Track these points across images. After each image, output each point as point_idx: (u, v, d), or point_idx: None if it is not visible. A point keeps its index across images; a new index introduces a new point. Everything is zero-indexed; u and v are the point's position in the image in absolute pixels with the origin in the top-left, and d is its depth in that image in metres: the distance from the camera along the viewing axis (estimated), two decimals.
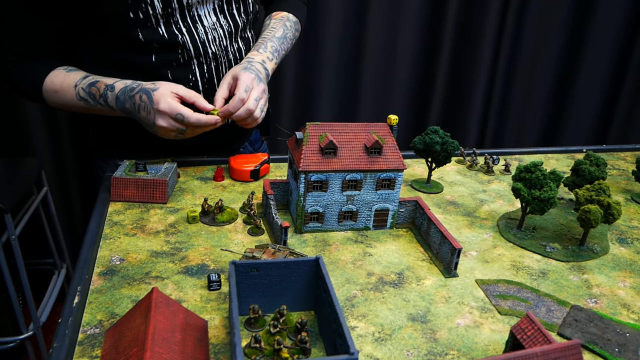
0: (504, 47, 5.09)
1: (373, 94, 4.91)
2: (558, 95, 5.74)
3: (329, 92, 4.81)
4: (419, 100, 5.20)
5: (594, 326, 1.58)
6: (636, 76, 5.65)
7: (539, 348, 0.98)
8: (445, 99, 5.21)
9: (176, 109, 1.62)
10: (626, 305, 1.71)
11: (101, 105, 1.76)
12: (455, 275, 1.75)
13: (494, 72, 5.15)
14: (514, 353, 0.95)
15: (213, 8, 2.21)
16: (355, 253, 1.82)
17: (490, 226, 2.11)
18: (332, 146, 1.82)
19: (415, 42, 4.88)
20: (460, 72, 5.12)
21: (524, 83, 5.46)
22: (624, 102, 5.73)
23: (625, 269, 1.92)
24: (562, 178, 2.02)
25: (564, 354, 1.00)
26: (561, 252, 1.96)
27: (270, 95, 4.44)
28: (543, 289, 1.75)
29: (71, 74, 1.79)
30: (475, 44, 4.91)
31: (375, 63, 4.82)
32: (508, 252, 1.94)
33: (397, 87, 4.98)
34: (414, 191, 2.32)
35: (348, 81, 4.86)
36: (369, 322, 1.50)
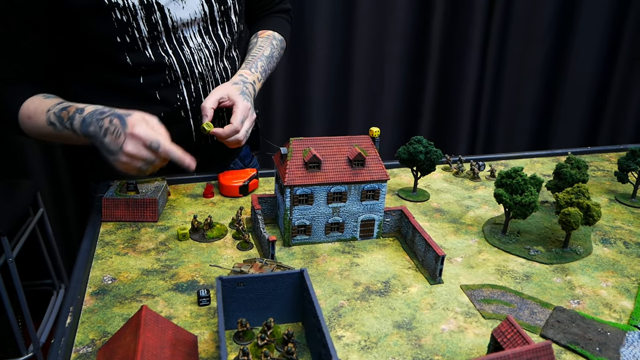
0: (490, 55, 5.17)
1: (363, 104, 4.98)
2: (546, 99, 5.81)
3: (318, 104, 4.87)
4: (409, 110, 5.27)
5: (575, 326, 1.62)
6: (622, 79, 5.72)
7: (510, 350, 1.03)
8: (434, 107, 5.28)
9: (150, 137, 1.59)
10: (608, 304, 1.75)
11: (67, 130, 1.69)
12: (440, 281, 1.79)
13: (482, 79, 5.22)
14: (488, 356, 1.00)
15: (198, 30, 2.27)
16: (342, 263, 1.86)
17: (476, 232, 2.16)
18: (316, 160, 1.87)
19: (402, 51, 4.96)
20: (448, 80, 5.20)
21: (512, 89, 5.53)
22: (611, 105, 5.80)
23: (608, 269, 1.96)
24: (543, 182, 2.07)
25: (536, 355, 1.04)
26: (545, 255, 2.00)
27: (260, 109, 4.51)
28: (527, 291, 1.79)
29: (47, 100, 1.77)
30: (461, 52, 4.99)
31: (364, 73, 4.89)
32: (493, 256, 1.98)
33: (386, 97, 5.05)
34: (401, 200, 2.37)
35: (337, 93, 4.93)
36: (355, 331, 1.54)
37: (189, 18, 2.21)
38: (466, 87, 5.14)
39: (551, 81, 5.71)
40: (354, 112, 4.91)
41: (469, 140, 5.52)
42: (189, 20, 2.22)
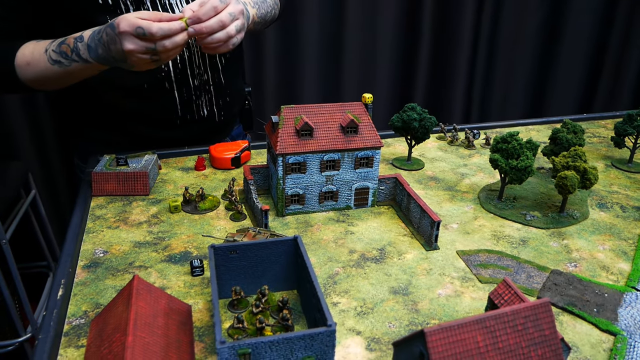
0: (485, 22, 5.10)
1: (356, 75, 4.92)
2: (541, 67, 5.76)
3: (311, 78, 4.81)
4: (403, 79, 5.21)
5: (573, 289, 1.61)
6: (618, 46, 5.67)
7: (509, 308, 1.01)
8: (428, 76, 5.22)
9: (135, 23, 1.50)
10: (605, 267, 1.74)
11: (75, 62, 1.69)
12: (436, 247, 1.77)
13: (475, 47, 5.16)
14: (486, 314, 0.98)
15: None
16: (337, 232, 1.84)
17: (471, 199, 2.14)
18: (308, 128, 1.84)
19: (395, 20, 4.88)
20: (442, 48, 5.13)
21: (506, 56, 5.47)
22: (607, 71, 5.76)
23: (605, 232, 1.95)
24: (539, 147, 2.04)
25: (534, 312, 1.03)
26: (541, 220, 1.98)
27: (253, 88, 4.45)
28: (523, 256, 1.78)
29: (41, 42, 1.77)
30: (455, 19, 4.91)
31: (356, 43, 4.82)
32: (489, 222, 1.96)
33: (380, 66, 4.99)
34: (395, 169, 2.34)
35: (329, 65, 4.86)
36: (351, 298, 1.52)
37: None
38: (460, 55, 5.08)
39: (546, 48, 5.65)
40: (347, 83, 4.86)
41: (464, 108, 5.48)
42: None
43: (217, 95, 2.39)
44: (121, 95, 2.14)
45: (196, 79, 2.23)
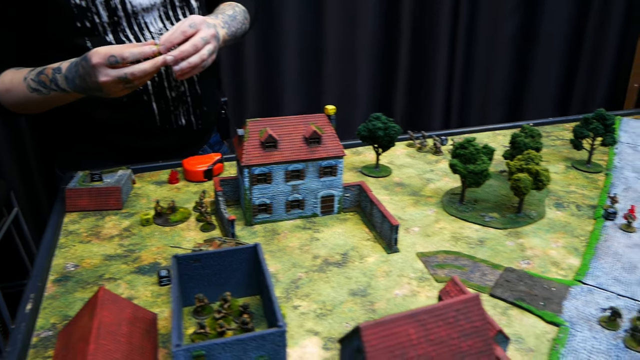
0: (460, 29, 5.21)
1: (336, 86, 5.01)
2: (518, 72, 5.88)
3: (290, 89, 4.90)
4: (382, 88, 5.31)
5: (523, 285, 1.70)
6: (592, 47, 5.81)
7: (442, 302, 1.09)
8: (407, 84, 5.33)
9: (107, 53, 1.61)
10: (556, 263, 1.83)
11: (54, 91, 1.78)
12: (396, 250, 1.86)
13: (453, 54, 5.27)
14: (419, 308, 1.06)
15: (159, 15, 2.31)
16: (303, 239, 1.92)
17: (435, 203, 2.22)
18: (272, 140, 1.92)
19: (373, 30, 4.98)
20: (421, 56, 5.24)
21: (483, 63, 5.59)
22: (581, 74, 5.89)
23: (559, 230, 2.04)
24: (494, 151, 2.14)
25: (465, 305, 1.11)
26: (499, 221, 2.07)
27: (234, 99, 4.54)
28: (480, 255, 1.87)
29: (20, 70, 1.86)
30: (432, 26, 5.02)
31: (335, 54, 4.91)
32: (449, 225, 2.05)
33: (360, 74, 5.08)
34: (364, 177, 2.43)
35: (309, 76, 4.96)
36: (311, 301, 1.60)
37: (149, 3, 2.26)
38: (438, 61, 5.19)
39: (522, 53, 5.78)
40: (328, 94, 4.94)
41: (444, 114, 5.59)
42: (148, 6, 2.26)
43: (194, 105, 2.48)
44: (101, 109, 2.23)
45: (173, 90, 2.33)
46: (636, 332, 1.47)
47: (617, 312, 1.53)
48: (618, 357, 1.43)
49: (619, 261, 1.87)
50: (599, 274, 1.78)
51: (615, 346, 1.47)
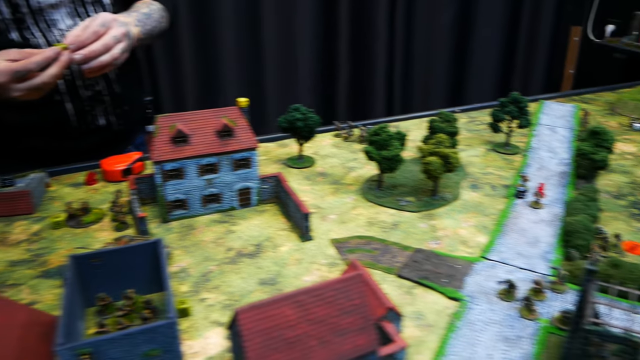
0: (398, 19, 5.28)
1: (279, 81, 5.00)
2: (457, 59, 6.01)
3: (232, 85, 4.87)
4: (324, 80, 5.34)
5: (429, 264, 1.75)
6: (528, 35, 5.98)
7: (321, 283, 1.12)
8: (349, 74, 5.37)
9: (11, 70, 1.61)
10: (465, 241, 1.89)
11: None
12: (309, 238, 1.88)
13: (392, 43, 5.34)
14: (297, 290, 1.08)
15: (67, 12, 2.25)
16: (219, 232, 1.92)
17: (354, 190, 2.26)
18: (182, 134, 1.91)
19: (312, 23, 5.00)
20: (360, 48, 5.28)
21: (423, 52, 5.69)
22: (520, 59, 6.07)
23: (472, 210, 2.10)
24: (406, 136, 2.18)
25: (345, 285, 1.14)
26: (415, 204, 2.12)
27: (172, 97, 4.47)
28: (392, 238, 1.91)
29: None
30: (370, 15, 5.07)
31: (275, 46, 4.90)
32: (366, 211, 2.09)
33: (301, 68, 5.09)
34: (288, 168, 2.44)
35: (250, 72, 4.92)
36: (220, 292, 1.61)
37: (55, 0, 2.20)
38: (378, 52, 5.25)
39: (461, 42, 5.91)
40: (270, 91, 4.94)
41: (387, 103, 5.67)
42: (55, 2, 2.20)
43: (113, 105, 2.44)
44: (10, 112, 2.17)
45: (88, 90, 2.28)
46: (529, 302, 1.54)
47: (512, 284, 1.59)
48: (511, 326, 1.49)
49: (524, 236, 1.94)
50: (503, 249, 1.84)
51: (510, 316, 1.53)
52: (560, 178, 2.56)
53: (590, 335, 1.21)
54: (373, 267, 1.67)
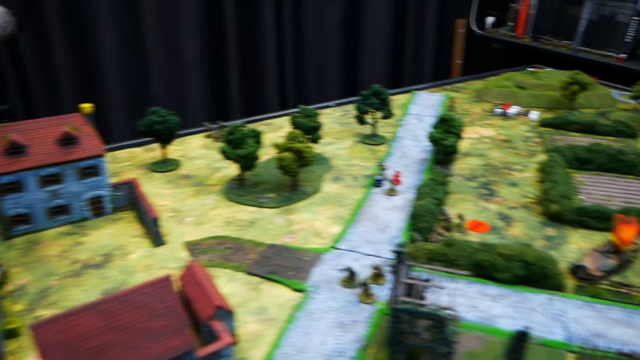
0: (286, 14, 5.30)
1: (166, 85, 4.85)
2: (349, 53, 6.13)
3: (115, 90, 4.65)
4: (215, 80, 5.25)
5: (279, 258, 1.77)
6: (415, 29, 6.21)
7: (129, 289, 1.09)
8: (241, 72, 5.31)
9: None
10: (319, 233, 1.93)
11: None
12: (162, 243, 1.84)
13: (281, 39, 5.35)
14: (102, 298, 1.05)
15: None
16: (65, 245, 1.84)
17: (217, 191, 2.24)
18: (17, 145, 1.81)
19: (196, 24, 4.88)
20: (249, 45, 5.24)
21: (313, 47, 5.75)
22: (409, 52, 6.30)
23: (331, 202, 2.15)
24: (260, 133, 2.20)
25: (155, 288, 1.12)
26: (275, 200, 2.14)
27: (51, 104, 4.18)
28: (247, 236, 1.91)
29: None
30: (257, 14, 5.04)
31: (161, 52, 4.74)
32: (225, 210, 2.07)
33: (189, 72, 4.97)
34: (151, 173, 2.38)
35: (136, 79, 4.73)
36: (58, 308, 1.53)
37: None
38: (267, 49, 5.23)
39: (350, 36, 6.03)
40: (159, 96, 4.78)
41: (280, 98, 5.68)
42: None
43: None
44: None
45: None
46: (366, 287, 1.59)
47: (352, 272, 1.64)
48: (349, 312, 1.54)
49: (375, 223, 2.01)
50: (354, 238, 1.90)
51: (350, 302, 1.58)
52: (420, 165, 2.69)
53: (401, 314, 1.28)
54: (223, 267, 1.67)
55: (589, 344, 1.82)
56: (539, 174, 2.79)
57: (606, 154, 3.06)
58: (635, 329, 1.91)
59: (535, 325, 1.83)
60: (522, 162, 2.85)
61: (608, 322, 1.93)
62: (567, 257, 2.16)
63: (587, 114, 4.05)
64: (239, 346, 1.45)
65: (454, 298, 1.54)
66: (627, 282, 2.16)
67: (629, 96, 4.23)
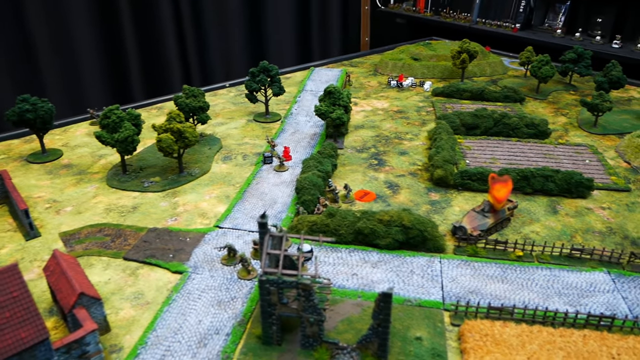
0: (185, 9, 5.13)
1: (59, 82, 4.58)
2: (252, 32, 6.04)
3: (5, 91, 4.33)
4: (115, 71, 5.02)
5: (160, 242, 1.73)
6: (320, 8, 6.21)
7: None
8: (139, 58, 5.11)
9: None
10: (204, 214, 1.90)
11: None
12: (36, 235, 1.75)
13: (182, 29, 5.19)
14: None
15: None
16: None
17: (100, 178, 2.16)
18: None
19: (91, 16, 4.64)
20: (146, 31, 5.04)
21: (215, 30, 5.62)
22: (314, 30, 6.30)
23: (219, 182, 2.13)
24: (140, 116, 2.13)
25: (0, 277, 1.06)
26: (160, 184, 2.09)
27: None
28: (129, 221, 1.86)
29: None
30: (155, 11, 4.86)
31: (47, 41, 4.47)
32: (107, 198, 2.00)
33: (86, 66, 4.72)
34: (29, 164, 2.26)
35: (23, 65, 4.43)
36: None
37: None
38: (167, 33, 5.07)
39: (253, 16, 5.94)
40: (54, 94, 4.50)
41: (185, 82, 5.52)
42: None
43: None
44: None
45: None
46: (245, 263, 1.60)
47: (231, 249, 1.64)
48: (227, 289, 1.54)
49: (262, 200, 2.02)
50: (238, 215, 1.90)
51: (229, 279, 1.58)
52: (311, 140, 2.72)
53: (267, 285, 1.30)
54: (99, 255, 1.62)
55: (462, 301, 1.94)
56: (428, 142, 2.91)
57: (491, 119, 3.25)
58: (508, 284, 2.06)
59: (413, 288, 1.92)
60: (412, 131, 2.96)
61: (484, 278, 2.06)
62: (449, 219, 2.29)
63: (479, 82, 4.26)
64: (112, 333, 1.43)
65: (334, 267, 1.59)
66: (504, 240, 2.32)
67: (518, 63, 4.49)
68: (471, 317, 1.87)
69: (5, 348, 1.10)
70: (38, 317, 1.18)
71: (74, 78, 4.80)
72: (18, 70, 4.29)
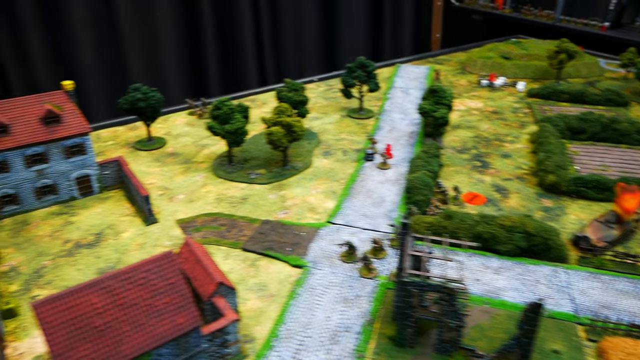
0: None
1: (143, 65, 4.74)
2: (327, 27, 6.09)
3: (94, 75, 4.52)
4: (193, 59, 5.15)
5: (275, 234, 1.75)
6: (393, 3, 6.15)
7: (135, 264, 1.06)
8: (218, 50, 5.25)
9: None
10: (313, 208, 1.91)
11: None
12: (154, 221, 1.80)
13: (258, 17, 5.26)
14: (103, 275, 1.01)
15: None
16: (56, 225, 1.79)
17: (205, 168, 2.20)
18: (0, 125, 1.74)
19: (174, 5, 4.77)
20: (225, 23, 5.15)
21: (291, 24, 5.68)
22: (388, 26, 6.25)
23: (322, 177, 2.13)
24: (248, 108, 2.15)
25: (157, 265, 1.09)
26: (265, 176, 2.11)
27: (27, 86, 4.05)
28: (240, 212, 1.88)
29: None
30: None
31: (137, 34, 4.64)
32: (216, 187, 2.04)
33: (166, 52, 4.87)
34: (137, 151, 2.32)
35: (113, 61, 4.61)
36: (53, 287, 1.50)
37: None
38: (245, 25, 5.17)
39: (328, 11, 5.95)
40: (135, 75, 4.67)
41: (260, 74, 5.59)
42: None
43: None
44: None
45: None
46: (367, 261, 1.59)
47: (351, 246, 1.63)
48: (351, 287, 1.53)
49: (370, 197, 2.00)
50: (349, 212, 1.89)
51: (351, 277, 1.57)
52: (410, 138, 2.67)
53: (410, 287, 1.27)
54: (218, 244, 1.64)
55: (598, 316, 1.82)
56: (531, 145, 2.81)
57: (599, 123, 3.08)
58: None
59: (541, 298, 1.84)
60: (512, 133, 2.87)
61: (615, 293, 1.93)
62: (566, 228, 2.19)
63: (575, 84, 4.09)
64: (242, 323, 1.44)
65: (461, 271, 1.54)
66: (632, 253, 2.16)
67: (618, 64, 4.27)
68: (609, 333, 1.77)
69: (164, 332, 1.12)
70: (192, 304, 1.19)
71: (155, 73, 4.92)
72: (106, 62, 4.44)
